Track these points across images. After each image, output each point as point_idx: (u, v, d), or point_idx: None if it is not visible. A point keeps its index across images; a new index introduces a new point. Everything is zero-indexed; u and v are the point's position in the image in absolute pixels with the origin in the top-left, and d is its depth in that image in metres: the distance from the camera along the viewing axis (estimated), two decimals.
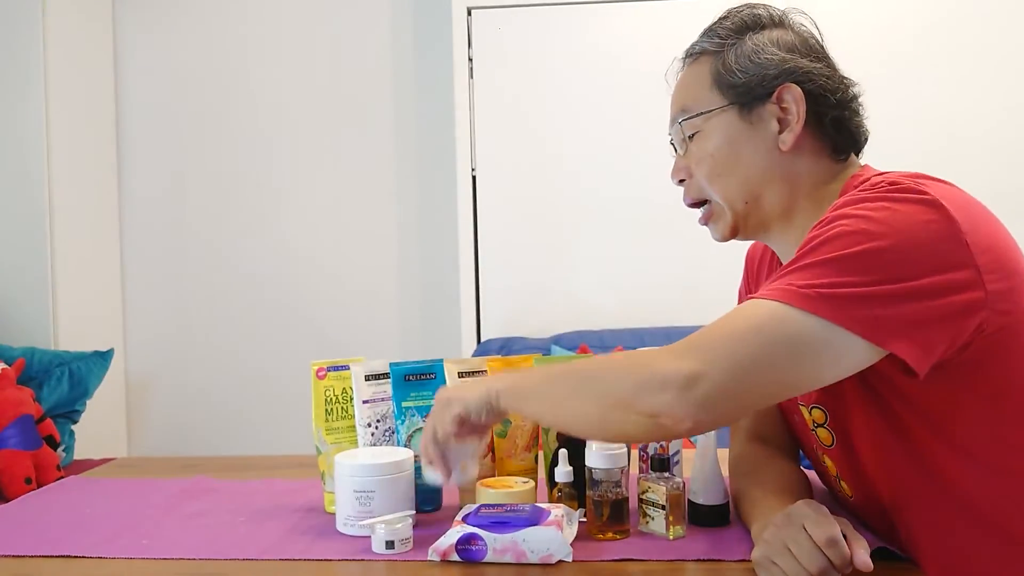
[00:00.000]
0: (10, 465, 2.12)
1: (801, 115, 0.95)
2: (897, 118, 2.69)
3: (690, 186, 1.03)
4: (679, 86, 1.04)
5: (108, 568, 0.97)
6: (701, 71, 1.00)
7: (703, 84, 1.00)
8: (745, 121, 0.97)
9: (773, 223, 1.00)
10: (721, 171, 0.99)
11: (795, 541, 0.80)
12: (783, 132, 0.96)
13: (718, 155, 0.98)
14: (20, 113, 2.75)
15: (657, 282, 2.80)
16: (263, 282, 3.09)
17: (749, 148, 0.97)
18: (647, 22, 2.78)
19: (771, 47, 0.97)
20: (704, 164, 0.99)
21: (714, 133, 0.98)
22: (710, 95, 0.99)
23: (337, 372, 1.18)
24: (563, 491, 1.05)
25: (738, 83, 0.97)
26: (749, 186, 0.98)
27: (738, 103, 0.97)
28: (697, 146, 1.00)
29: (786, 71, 0.96)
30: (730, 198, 0.99)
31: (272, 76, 3.09)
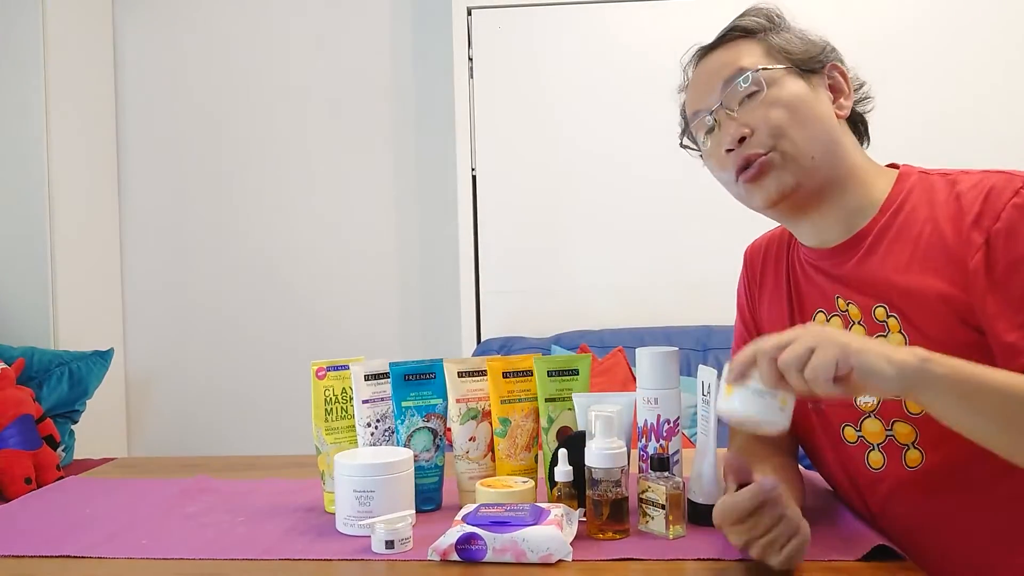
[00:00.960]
0: (10, 465, 2.12)
1: (851, 89, 1.03)
2: (896, 118, 2.69)
3: (753, 141, 0.99)
4: (722, 58, 1.03)
5: (108, 568, 0.97)
6: (747, 45, 1.02)
7: (755, 52, 1.01)
8: (808, 84, 1.00)
9: (826, 193, 1.00)
10: (795, 121, 0.98)
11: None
12: (838, 100, 1.01)
13: (791, 105, 0.98)
14: (20, 113, 2.75)
15: (657, 282, 2.80)
16: (263, 282, 3.09)
17: (816, 106, 0.99)
18: (647, 22, 2.78)
19: (805, 34, 1.03)
20: (776, 113, 0.98)
21: (782, 88, 0.99)
22: (768, 60, 1.00)
23: (337, 372, 1.18)
24: (563, 491, 1.05)
25: (796, 51, 1.00)
26: (821, 141, 0.98)
27: (796, 68, 1.00)
28: (763, 98, 0.99)
29: (829, 52, 1.02)
30: (800, 150, 0.98)
31: (272, 76, 3.09)
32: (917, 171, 1.01)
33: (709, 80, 1.03)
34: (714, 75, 1.03)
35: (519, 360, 1.17)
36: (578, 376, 1.15)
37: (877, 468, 1.00)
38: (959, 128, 2.70)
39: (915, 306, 0.94)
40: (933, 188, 0.97)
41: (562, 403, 1.14)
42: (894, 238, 0.97)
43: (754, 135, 0.99)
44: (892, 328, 0.96)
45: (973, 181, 0.94)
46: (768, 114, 0.98)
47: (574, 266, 2.85)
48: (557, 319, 2.81)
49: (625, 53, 2.78)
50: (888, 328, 0.97)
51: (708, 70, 1.04)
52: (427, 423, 1.16)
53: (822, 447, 1.07)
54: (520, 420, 1.15)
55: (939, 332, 0.92)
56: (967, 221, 0.91)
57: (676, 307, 2.75)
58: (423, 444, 1.15)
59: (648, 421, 1.03)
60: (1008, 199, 0.89)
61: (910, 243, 0.96)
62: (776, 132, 0.98)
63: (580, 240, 2.85)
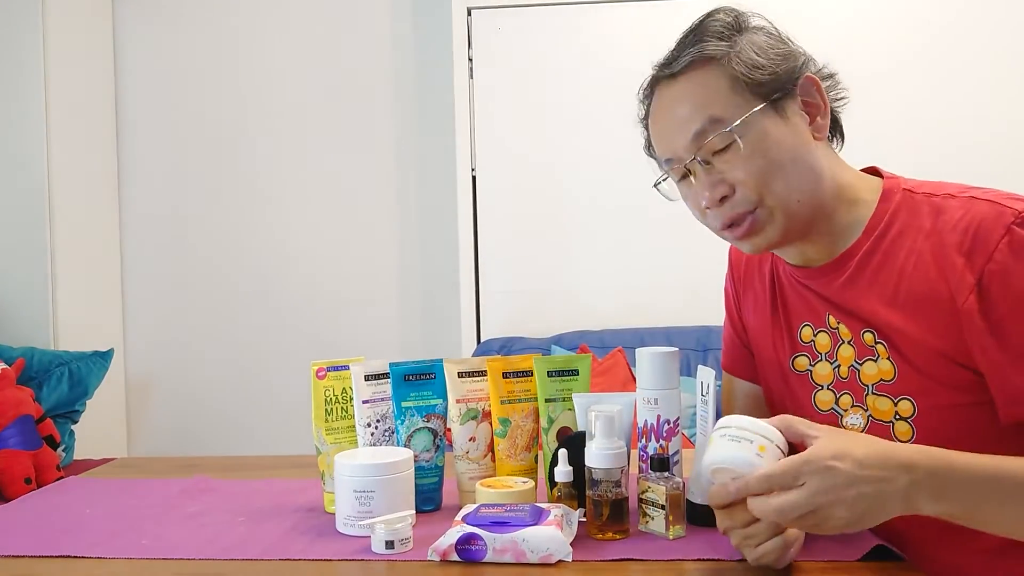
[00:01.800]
0: (10, 465, 2.12)
1: (826, 102, 0.97)
2: (894, 119, 2.69)
3: (736, 201, 0.94)
4: (687, 99, 0.95)
5: (108, 568, 0.97)
6: (710, 78, 0.94)
7: (721, 90, 0.93)
8: (781, 118, 0.94)
9: (816, 223, 0.97)
10: (777, 171, 0.92)
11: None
12: (814, 122, 0.96)
13: (771, 155, 0.92)
14: (20, 113, 2.75)
15: (657, 282, 2.80)
16: (263, 282, 3.09)
17: (792, 144, 0.94)
18: (647, 22, 2.78)
19: (773, 42, 0.95)
20: (756, 167, 0.92)
21: (759, 136, 0.92)
22: (736, 99, 0.93)
23: (337, 372, 1.18)
24: (563, 491, 1.05)
25: (765, 80, 0.93)
26: (802, 182, 0.94)
27: (770, 101, 0.93)
28: (740, 154, 0.92)
29: (800, 63, 0.96)
30: (787, 198, 0.93)
31: (272, 76, 3.09)
32: (901, 187, 0.97)
33: (679, 127, 0.96)
34: (682, 122, 0.95)
35: (519, 360, 1.17)
36: (578, 376, 1.15)
37: None
38: (956, 128, 2.71)
39: (903, 342, 0.93)
40: (918, 212, 0.94)
41: (562, 403, 1.14)
42: (878, 266, 0.95)
43: (736, 193, 0.94)
44: (881, 354, 0.96)
45: (959, 211, 0.90)
46: (748, 168, 0.92)
47: (574, 266, 2.85)
48: (557, 319, 2.81)
49: (625, 53, 2.78)
50: (877, 354, 0.96)
51: (673, 110, 0.96)
52: (427, 423, 1.16)
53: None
54: (520, 420, 1.15)
55: (930, 369, 0.91)
56: (955, 258, 0.89)
57: (676, 307, 2.75)
58: (423, 444, 1.15)
59: (648, 421, 1.03)
60: (1000, 237, 0.86)
61: (895, 274, 0.93)
62: (760, 187, 0.93)
63: (580, 240, 2.85)
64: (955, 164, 2.66)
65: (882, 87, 2.68)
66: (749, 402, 1.14)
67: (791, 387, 1.03)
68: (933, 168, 1.13)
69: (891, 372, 0.95)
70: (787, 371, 1.03)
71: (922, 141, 2.69)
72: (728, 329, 1.19)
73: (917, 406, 0.93)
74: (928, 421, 0.93)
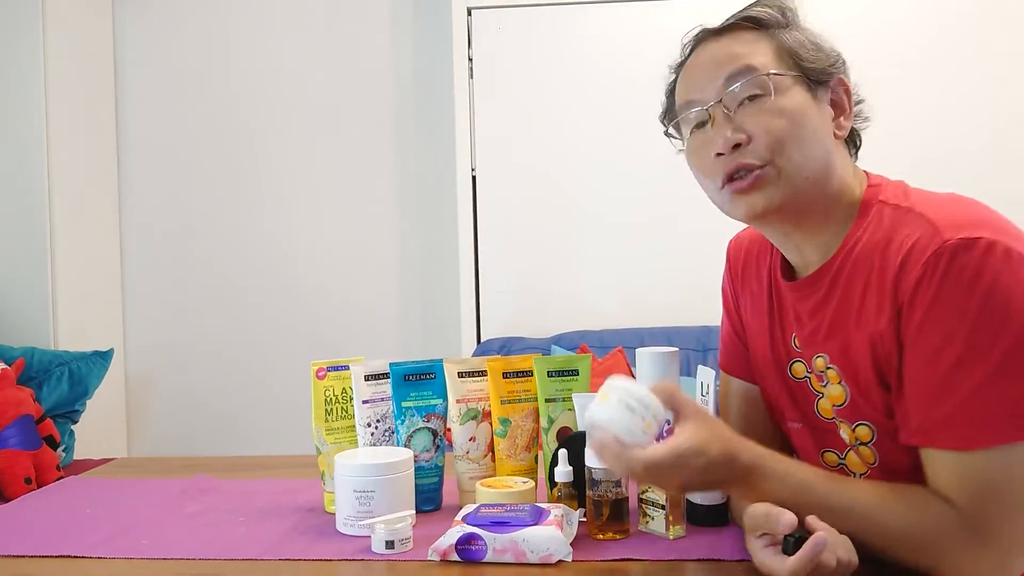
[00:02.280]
0: (10, 465, 2.12)
1: (852, 107, 0.97)
2: (892, 120, 2.69)
3: (750, 150, 0.92)
4: (729, 48, 0.95)
5: (108, 568, 0.97)
6: (757, 39, 0.95)
7: (766, 50, 0.94)
8: (813, 98, 0.94)
9: (813, 214, 0.95)
10: (797, 136, 0.91)
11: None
12: (838, 119, 0.96)
13: (795, 119, 0.91)
14: (20, 113, 2.75)
15: (657, 282, 2.80)
16: (263, 282, 3.09)
17: (816, 124, 0.93)
18: (647, 22, 2.78)
19: (816, 38, 0.97)
20: (779, 124, 0.91)
21: (789, 97, 0.92)
22: (777, 62, 0.93)
23: (337, 372, 1.18)
24: (563, 491, 1.05)
25: (807, 61, 0.94)
26: (818, 160, 0.92)
27: (807, 79, 0.94)
28: (767, 106, 0.92)
29: (839, 64, 0.96)
30: (797, 166, 0.91)
31: (272, 76, 3.09)
32: (878, 199, 0.94)
33: (710, 71, 0.95)
34: (717, 67, 0.94)
35: (519, 360, 1.17)
36: (578, 376, 1.15)
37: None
38: (954, 128, 2.71)
39: (848, 366, 0.92)
40: (880, 226, 0.92)
41: (562, 403, 1.14)
42: (844, 289, 0.93)
43: (751, 144, 0.92)
44: (832, 379, 0.95)
45: (906, 228, 0.88)
46: (770, 124, 0.91)
47: (574, 266, 2.85)
48: (557, 319, 2.81)
49: (625, 53, 2.78)
50: (827, 379, 0.96)
51: (711, 59, 0.96)
52: (427, 423, 1.16)
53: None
54: (520, 420, 1.15)
55: (871, 393, 0.90)
56: (889, 280, 0.87)
57: (676, 307, 2.75)
58: (423, 444, 1.15)
59: None
60: (919, 274, 0.83)
61: (855, 296, 0.92)
62: (775, 146, 0.91)
63: (580, 240, 2.85)
64: (950, 164, 2.67)
65: (878, 89, 2.68)
66: (746, 402, 1.13)
67: (792, 391, 1.03)
68: (929, 167, 1.12)
69: (842, 397, 0.95)
70: (786, 376, 1.03)
71: (917, 141, 2.69)
72: (726, 327, 1.18)
73: (875, 431, 0.93)
74: (886, 443, 0.92)
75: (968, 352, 0.81)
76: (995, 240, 0.81)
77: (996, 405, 0.80)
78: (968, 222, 0.84)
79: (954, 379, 0.81)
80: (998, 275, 0.80)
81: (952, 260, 0.82)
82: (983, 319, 0.80)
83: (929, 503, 0.83)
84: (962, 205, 0.89)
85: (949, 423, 0.82)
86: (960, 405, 0.81)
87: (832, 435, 0.98)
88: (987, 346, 0.80)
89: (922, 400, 0.84)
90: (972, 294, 0.81)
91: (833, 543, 0.80)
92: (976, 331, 0.80)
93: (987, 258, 0.81)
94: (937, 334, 0.82)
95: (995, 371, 0.80)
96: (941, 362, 0.82)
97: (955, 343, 0.81)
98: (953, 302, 0.81)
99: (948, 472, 0.83)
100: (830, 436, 0.99)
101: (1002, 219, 0.87)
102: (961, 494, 0.81)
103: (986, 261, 0.81)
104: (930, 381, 0.83)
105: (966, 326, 0.81)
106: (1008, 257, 0.81)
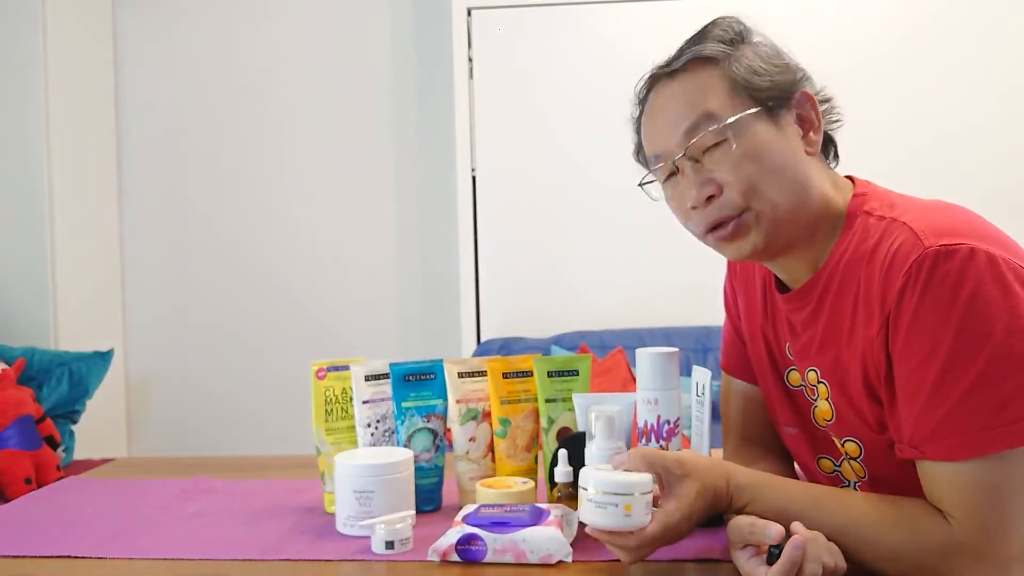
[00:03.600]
0: (10, 465, 2.12)
1: (820, 119, 0.95)
2: (887, 119, 2.69)
3: (723, 202, 0.91)
4: (682, 96, 0.94)
5: (108, 568, 0.97)
6: (708, 77, 0.93)
7: (718, 90, 0.92)
8: (775, 125, 0.92)
9: (799, 239, 0.94)
10: (767, 176, 0.90)
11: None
12: (807, 136, 0.94)
13: (760, 159, 0.90)
14: (20, 113, 2.75)
15: (657, 282, 2.80)
16: (263, 282, 3.09)
17: (785, 152, 0.91)
18: (647, 22, 2.78)
19: (772, 54, 0.94)
20: (746, 171, 0.90)
21: (751, 138, 0.90)
22: (732, 101, 0.91)
23: (337, 372, 1.18)
24: (563, 491, 1.05)
25: (763, 86, 0.91)
26: (793, 190, 0.91)
27: (764, 108, 0.92)
28: (730, 154, 0.90)
29: (799, 78, 0.94)
30: (774, 205, 0.90)
31: (272, 76, 3.09)
32: (862, 210, 0.93)
33: (670, 123, 0.94)
34: (676, 117, 0.93)
35: (519, 361, 1.17)
36: (578, 377, 1.15)
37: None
38: (949, 127, 2.71)
39: (839, 380, 0.92)
40: (865, 238, 0.90)
41: (562, 404, 1.14)
42: (833, 301, 0.92)
43: (723, 194, 0.91)
44: (821, 394, 0.95)
45: (890, 237, 0.87)
46: (738, 170, 0.90)
47: (574, 266, 2.85)
48: (557, 319, 2.81)
49: (625, 53, 2.77)
50: (818, 394, 0.96)
51: (668, 108, 0.95)
52: (427, 424, 1.16)
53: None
54: (520, 421, 1.15)
55: (862, 406, 0.90)
56: (876, 290, 0.86)
57: (676, 308, 2.75)
58: (423, 445, 1.15)
59: (648, 422, 1.03)
60: (902, 283, 0.83)
61: (846, 308, 0.91)
62: (748, 191, 0.90)
63: (580, 240, 2.85)
64: (948, 165, 2.67)
65: (863, 88, 2.69)
66: (747, 404, 1.13)
67: (790, 396, 1.03)
68: (925, 171, 1.11)
69: (830, 414, 0.95)
70: (783, 382, 1.04)
71: (901, 141, 2.69)
72: (728, 328, 1.18)
73: (863, 448, 0.93)
74: (874, 459, 0.92)
75: (953, 361, 0.80)
76: (977, 247, 0.80)
77: (984, 413, 0.79)
78: (950, 229, 0.83)
79: (941, 389, 0.80)
80: (980, 282, 0.79)
81: (934, 268, 0.81)
82: (967, 327, 0.79)
83: (924, 517, 0.82)
84: (946, 212, 0.88)
85: (939, 434, 0.81)
86: (948, 415, 0.80)
87: (828, 442, 0.99)
88: (972, 354, 0.79)
89: (912, 411, 0.83)
90: (955, 302, 0.80)
91: (817, 549, 0.80)
92: (960, 339, 0.79)
93: (969, 265, 0.80)
94: (922, 344, 0.81)
95: (981, 379, 0.79)
96: (927, 372, 0.81)
97: (940, 352, 0.80)
98: (936, 311, 0.81)
99: (942, 484, 0.82)
100: (827, 443, 0.99)
101: (987, 225, 0.86)
102: (956, 506, 0.81)
103: (968, 268, 0.80)
104: (918, 392, 0.82)
105: (950, 335, 0.80)
106: (991, 264, 0.80)
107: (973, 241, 0.81)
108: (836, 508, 0.86)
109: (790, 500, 0.87)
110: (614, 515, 0.84)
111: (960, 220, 0.86)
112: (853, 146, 1.07)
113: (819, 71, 0.99)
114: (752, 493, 0.87)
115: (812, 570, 0.79)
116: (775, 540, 0.80)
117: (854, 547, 0.83)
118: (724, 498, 0.88)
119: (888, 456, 0.89)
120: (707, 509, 0.87)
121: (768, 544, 0.81)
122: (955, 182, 2.58)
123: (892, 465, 0.89)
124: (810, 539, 0.81)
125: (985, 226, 0.86)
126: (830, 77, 1.00)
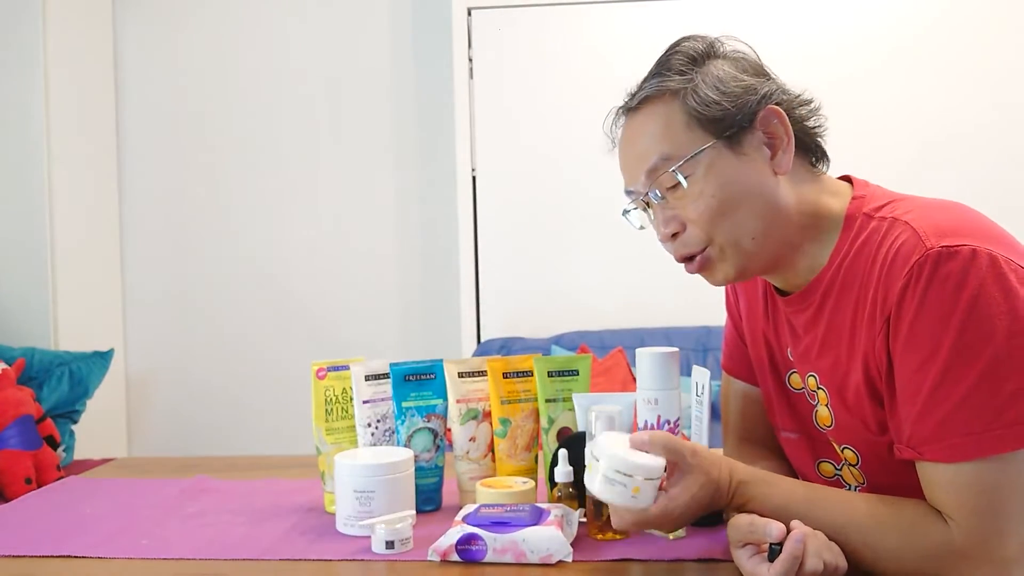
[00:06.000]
0: (10, 465, 2.12)
1: (790, 135, 0.92)
2: (888, 119, 2.69)
3: (686, 239, 0.93)
4: (644, 134, 0.94)
5: (108, 568, 0.97)
6: (667, 113, 0.93)
7: (675, 126, 0.92)
8: (736, 154, 0.91)
9: (781, 258, 0.94)
10: (726, 210, 0.90)
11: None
12: (776, 156, 0.92)
13: (719, 194, 0.90)
14: (20, 112, 2.75)
15: (657, 282, 2.80)
16: (263, 282, 3.09)
17: (747, 181, 0.91)
18: (647, 22, 2.79)
19: (735, 73, 0.93)
20: (704, 207, 0.91)
21: (708, 174, 0.90)
22: (690, 136, 0.91)
23: (337, 372, 1.18)
24: (563, 491, 1.05)
25: (719, 116, 0.90)
26: (757, 220, 0.91)
27: (724, 137, 0.91)
28: (687, 192, 0.91)
29: (763, 95, 0.92)
30: (737, 237, 0.91)
31: (271, 76, 3.09)
32: (862, 212, 0.92)
33: (635, 159, 0.95)
34: (638, 158, 0.94)
35: (519, 360, 1.17)
36: (578, 376, 1.15)
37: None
38: (947, 127, 2.71)
39: (839, 384, 0.92)
40: (866, 239, 0.90)
41: (562, 403, 1.14)
42: (835, 304, 0.92)
43: (686, 231, 0.93)
44: (821, 400, 0.96)
45: (890, 237, 0.86)
46: (698, 209, 0.91)
47: (574, 266, 2.85)
48: (557, 319, 2.81)
49: (625, 53, 2.78)
50: (818, 399, 0.96)
51: (633, 143, 0.96)
52: (427, 423, 1.16)
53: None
54: (520, 420, 1.15)
55: (861, 410, 0.90)
56: (878, 290, 0.86)
57: (676, 308, 2.75)
58: (423, 444, 1.15)
59: (648, 422, 1.03)
60: (903, 284, 0.82)
61: (847, 311, 0.91)
62: (709, 228, 0.91)
63: (580, 240, 2.85)
64: (945, 164, 2.67)
65: (863, 89, 2.68)
66: (747, 404, 1.13)
67: (791, 400, 1.03)
68: (922, 169, 1.11)
69: (828, 420, 0.95)
70: (784, 385, 1.04)
71: (901, 142, 2.69)
72: (730, 329, 1.18)
73: (860, 456, 0.93)
74: (872, 466, 0.93)
75: (954, 362, 0.79)
76: (979, 248, 0.80)
77: (985, 415, 0.79)
78: (952, 230, 0.83)
79: (941, 390, 0.80)
80: (982, 284, 0.79)
81: (936, 269, 0.80)
82: (968, 329, 0.79)
83: (924, 519, 0.82)
84: (948, 212, 0.87)
85: (938, 435, 0.81)
86: (948, 416, 0.80)
87: (828, 446, 0.98)
88: (973, 356, 0.79)
89: (912, 412, 0.83)
90: (956, 303, 0.79)
91: (818, 545, 0.80)
92: (961, 341, 0.79)
93: (971, 266, 0.79)
94: (923, 344, 0.81)
95: (981, 380, 0.79)
96: (928, 373, 0.81)
97: (941, 353, 0.80)
98: (937, 311, 0.80)
99: (941, 485, 0.82)
100: (827, 447, 0.99)
101: (990, 224, 0.86)
102: (956, 507, 0.80)
103: (970, 269, 0.79)
104: (918, 393, 0.82)
105: (951, 335, 0.79)
106: (993, 265, 0.80)
107: (975, 242, 0.81)
108: (836, 508, 0.86)
109: (791, 498, 0.87)
110: (621, 494, 0.85)
111: (963, 220, 0.85)
112: (854, 146, 1.06)
113: (820, 73, 0.98)
114: (753, 490, 0.87)
115: (813, 565, 0.79)
116: (776, 538, 0.80)
117: (854, 547, 0.83)
118: (726, 493, 0.87)
119: (886, 463, 0.89)
120: (708, 502, 0.87)
121: (769, 542, 0.81)
122: (955, 182, 2.58)
123: (890, 473, 0.89)
124: (811, 535, 0.81)
125: (988, 225, 0.86)
126: (831, 79, 1.00)
